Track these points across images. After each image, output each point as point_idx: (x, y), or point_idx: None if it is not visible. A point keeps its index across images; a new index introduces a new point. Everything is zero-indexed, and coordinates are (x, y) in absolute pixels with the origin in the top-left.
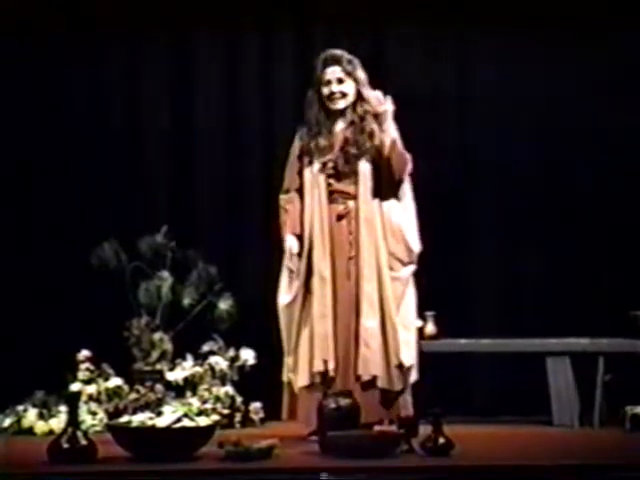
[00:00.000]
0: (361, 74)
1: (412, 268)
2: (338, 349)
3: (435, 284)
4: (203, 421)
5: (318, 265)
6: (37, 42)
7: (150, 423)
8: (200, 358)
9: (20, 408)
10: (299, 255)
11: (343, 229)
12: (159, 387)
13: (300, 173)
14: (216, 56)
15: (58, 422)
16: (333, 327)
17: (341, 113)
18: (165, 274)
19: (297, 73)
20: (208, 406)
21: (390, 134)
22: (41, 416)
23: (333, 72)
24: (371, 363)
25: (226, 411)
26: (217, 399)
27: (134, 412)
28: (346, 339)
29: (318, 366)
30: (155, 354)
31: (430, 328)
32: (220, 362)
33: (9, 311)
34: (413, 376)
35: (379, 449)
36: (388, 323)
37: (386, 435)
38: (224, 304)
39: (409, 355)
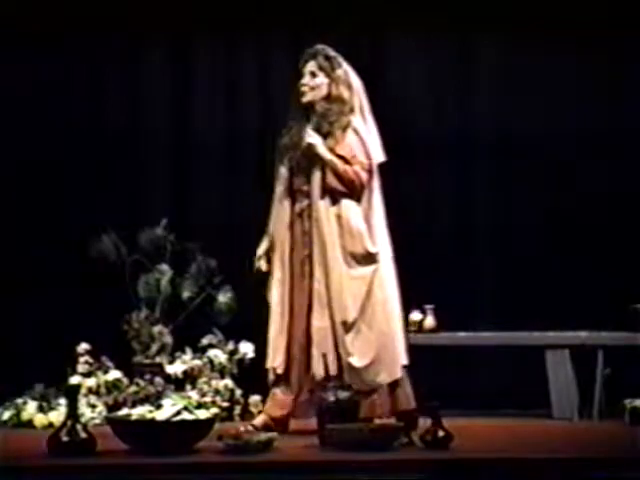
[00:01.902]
0: (339, 73)
1: (375, 267)
2: (294, 348)
3: (435, 277)
4: (202, 414)
5: (276, 265)
6: (37, 42)
7: (149, 416)
8: (199, 351)
9: (20, 401)
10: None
11: (299, 228)
12: (158, 380)
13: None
14: (215, 58)
15: (57, 415)
16: (289, 326)
17: (313, 109)
18: (164, 267)
19: (296, 76)
20: (207, 399)
21: (328, 162)
22: (40, 409)
23: (308, 66)
24: (321, 363)
25: (225, 404)
26: (216, 392)
27: (133, 405)
28: (301, 338)
29: (270, 362)
30: (154, 347)
31: (429, 321)
32: (219, 355)
33: (8, 304)
34: (385, 377)
35: (378, 442)
36: (336, 322)
37: (385, 428)
38: (223, 297)
39: (363, 356)
